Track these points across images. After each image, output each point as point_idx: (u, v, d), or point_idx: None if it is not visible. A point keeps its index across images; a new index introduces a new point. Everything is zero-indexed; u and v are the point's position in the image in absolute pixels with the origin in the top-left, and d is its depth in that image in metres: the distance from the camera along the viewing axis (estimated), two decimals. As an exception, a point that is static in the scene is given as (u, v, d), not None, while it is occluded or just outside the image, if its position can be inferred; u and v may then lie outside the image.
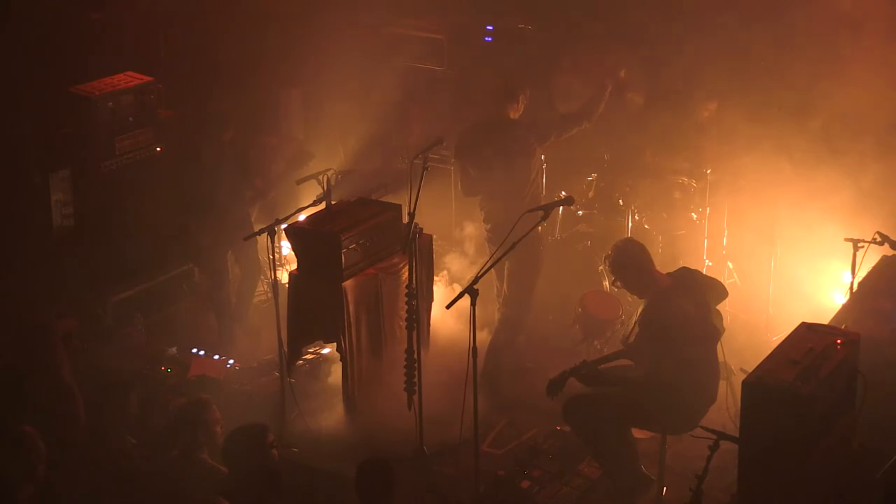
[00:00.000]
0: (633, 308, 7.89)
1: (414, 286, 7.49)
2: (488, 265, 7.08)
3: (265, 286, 9.74)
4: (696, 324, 6.96)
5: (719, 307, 7.34)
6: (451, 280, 9.47)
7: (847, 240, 7.82)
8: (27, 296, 8.09)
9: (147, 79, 9.70)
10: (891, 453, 6.32)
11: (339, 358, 7.99)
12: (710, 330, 7.05)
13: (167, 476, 6.67)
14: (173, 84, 10.19)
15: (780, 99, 9.32)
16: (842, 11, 9.20)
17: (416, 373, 7.51)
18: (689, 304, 6.98)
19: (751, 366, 6.25)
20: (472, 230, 9.50)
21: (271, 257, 8.07)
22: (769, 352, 6.28)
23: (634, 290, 7.28)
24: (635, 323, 7.18)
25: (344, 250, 7.83)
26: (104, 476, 6.56)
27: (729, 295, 7.53)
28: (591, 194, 9.84)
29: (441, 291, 8.94)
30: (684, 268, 7.38)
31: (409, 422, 7.56)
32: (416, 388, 7.52)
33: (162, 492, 6.53)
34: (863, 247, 7.75)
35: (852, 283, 7.80)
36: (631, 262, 7.17)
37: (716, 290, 7.32)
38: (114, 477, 6.58)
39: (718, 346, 7.21)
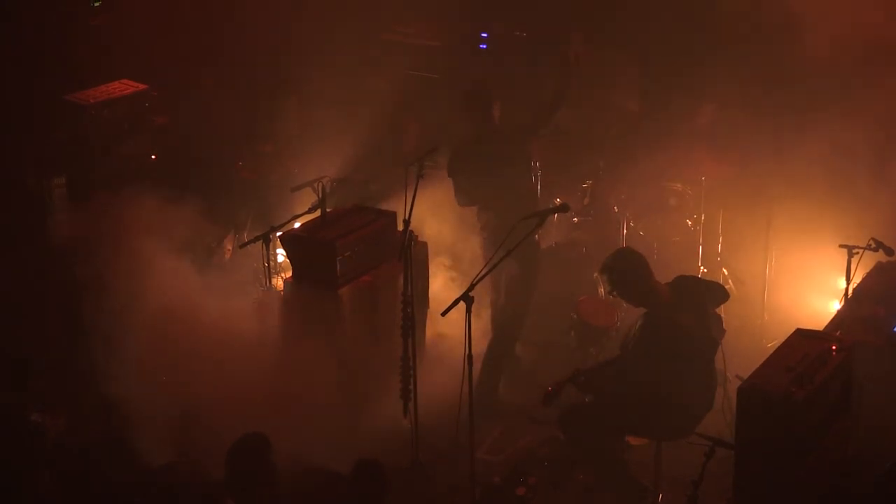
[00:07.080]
0: (629, 315, 7.87)
1: (409, 293, 7.49)
2: (484, 272, 7.06)
3: (259, 293, 9.71)
4: (697, 340, 6.94)
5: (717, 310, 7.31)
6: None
7: (842, 246, 7.81)
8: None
9: (142, 86, 9.69)
10: (886, 460, 6.33)
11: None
12: (711, 342, 7.03)
13: (170, 479, 6.70)
14: (168, 92, 10.19)
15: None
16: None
17: (411, 380, 7.51)
18: (691, 320, 6.92)
19: (746, 372, 6.25)
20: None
21: (266, 265, 8.06)
22: (764, 358, 6.30)
23: (633, 302, 7.16)
24: (634, 334, 7.08)
25: (339, 258, 7.82)
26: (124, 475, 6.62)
27: (731, 296, 7.47)
28: (586, 201, 9.84)
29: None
30: (681, 277, 7.33)
31: (405, 429, 7.56)
32: (412, 395, 7.51)
33: (165, 494, 6.57)
34: (857, 253, 7.75)
35: (847, 290, 7.80)
36: (630, 277, 7.03)
37: (715, 294, 7.27)
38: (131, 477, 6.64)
39: (718, 351, 7.19)
